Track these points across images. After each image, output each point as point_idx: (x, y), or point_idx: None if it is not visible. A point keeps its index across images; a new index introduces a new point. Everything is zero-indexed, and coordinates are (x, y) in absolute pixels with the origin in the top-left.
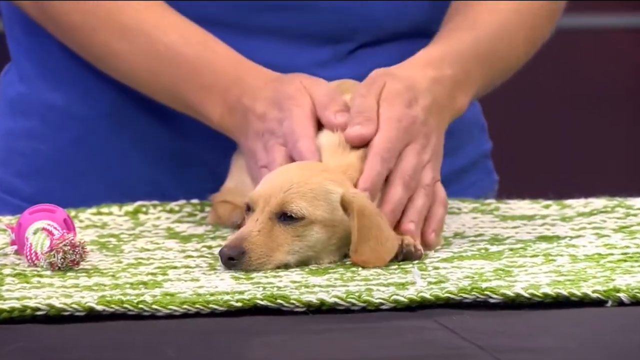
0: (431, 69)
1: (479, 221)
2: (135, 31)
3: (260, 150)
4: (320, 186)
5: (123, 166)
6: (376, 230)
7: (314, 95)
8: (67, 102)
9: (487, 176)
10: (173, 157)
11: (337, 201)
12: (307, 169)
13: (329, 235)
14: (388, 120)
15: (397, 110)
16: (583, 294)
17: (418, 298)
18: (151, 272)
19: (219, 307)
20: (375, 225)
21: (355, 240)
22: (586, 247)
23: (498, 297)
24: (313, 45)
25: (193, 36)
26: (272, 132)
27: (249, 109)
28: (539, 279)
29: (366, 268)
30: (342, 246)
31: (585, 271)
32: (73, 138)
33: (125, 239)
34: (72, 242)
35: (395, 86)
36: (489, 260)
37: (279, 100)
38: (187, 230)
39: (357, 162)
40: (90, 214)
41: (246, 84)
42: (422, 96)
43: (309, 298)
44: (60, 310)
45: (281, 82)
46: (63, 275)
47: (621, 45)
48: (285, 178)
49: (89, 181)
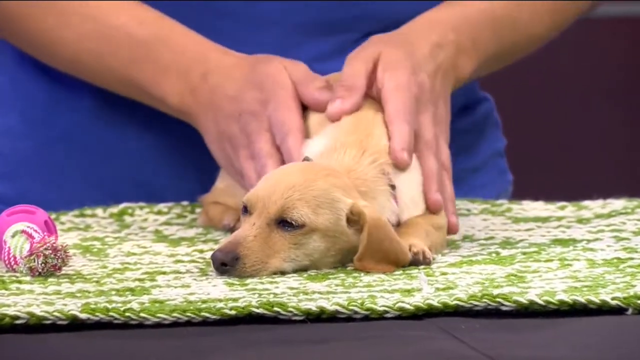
0: (433, 34)
1: (489, 223)
2: (80, 16)
3: (238, 134)
4: (326, 193)
5: (109, 165)
6: (388, 243)
7: (293, 74)
8: (50, 97)
9: (501, 176)
10: (162, 156)
11: (343, 211)
12: (311, 172)
13: (328, 246)
14: (396, 88)
15: (403, 78)
16: (601, 301)
17: (425, 305)
18: (138, 278)
19: (211, 316)
20: (388, 239)
21: (362, 250)
22: (604, 251)
23: (510, 304)
24: (314, 36)
25: (146, 16)
26: (254, 114)
27: (218, 88)
28: (554, 285)
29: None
30: (341, 258)
31: (603, 277)
32: (55, 135)
33: (110, 243)
34: (53, 246)
35: (395, 53)
36: (500, 265)
37: (258, 80)
38: (176, 233)
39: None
40: (72, 216)
41: (211, 62)
42: (425, 62)
43: (308, 306)
44: (41, 319)
45: (257, 61)
46: (44, 281)
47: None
48: (287, 181)
49: (72, 181)
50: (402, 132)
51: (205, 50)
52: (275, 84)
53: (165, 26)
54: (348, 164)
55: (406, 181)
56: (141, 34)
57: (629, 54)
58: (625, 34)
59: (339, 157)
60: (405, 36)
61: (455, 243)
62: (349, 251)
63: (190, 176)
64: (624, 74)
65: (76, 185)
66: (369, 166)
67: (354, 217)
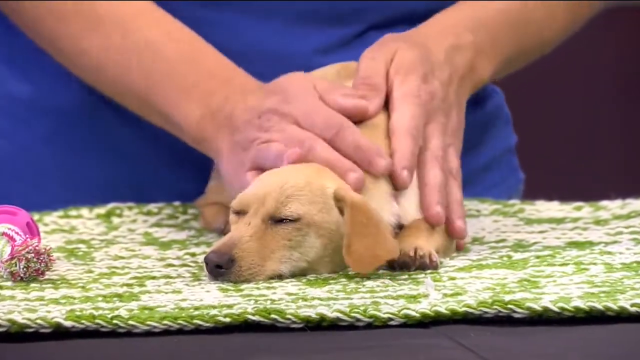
0: (450, 36)
1: (500, 225)
2: (111, 24)
3: (254, 133)
4: (316, 185)
5: (96, 165)
6: (374, 229)
7: (317, 84)
8: (34, 94)
9: (512, 174)
10: (153, 152)
11: (331, 197)
12: (304, 171)
13: (324, 244)
14: (404, 96)
15: (413, 85)
16: (620, 308)
17: (432, 313)
18: (127, 283)
19: (204, 323)
20: (372, 223)
21: (348, 234)
22: (623, 255)
23: (523, 311)
24: (317, 27)
25: (178, 33)
26: (275, 112)
27: (238, 104)
28: (569, 290)
29: (370, 278)
30: (339, 261)
31: (622, 282)
32: (40, 134)
33: (96, 246)
34: (36, 249)
35: (409, 56)
36: (512, 269)
37: (280, 88)
38: (167, 236)
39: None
40: (56, 217)
41: (235, 85)
42: (439, 68)
43: (307, 313)
44: (23, 327)
45: (278, 79)
46: (26, 286)
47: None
48: (280, 179)
49: (57, 182)
50: (405, 149)
51: (233, 75)
52: (300, 89)
53: (196, 47)
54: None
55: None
56: (170, 51)
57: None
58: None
59: None
60: (421, 38)
61: (464, 246)
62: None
63: (183, 174)
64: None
65: (60, 185)
66: None
67: (339, 204)
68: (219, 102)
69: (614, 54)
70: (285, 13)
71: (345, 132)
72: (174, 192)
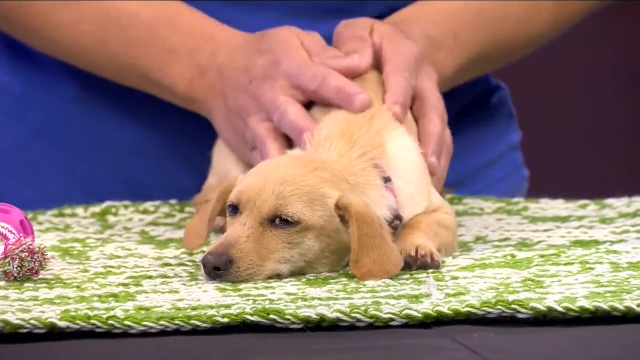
0: (416, 28)
1: (504, 223)
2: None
3: (248, 103)
4: (316, 189)
5: (90, 160)
6: (380, 240)
7: (306, 43)
8: (26, 87)
9: (516, 171)
10: (149, 148)
11: (332, 207)
12: (300, 166)
13: (322, 247)
14: (396, 49)
15: (402, 42)
16: (626, 308)
17: (434, 313)
18: (123, 283)
19: (202, 324)
20: (378, 234)
21: (355, 249)
22: (630, 254)
23: (527, 311)
24: (311, 20)
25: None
26: (265, 77)
27: (226, 64)
28: (574, 290)
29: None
30: (337, 261)
31: (628, 281)
32: (32, 129)
33: (92, 245)
34: (30, 248)
35: (388, 27)
36: (516, 268)
37: (268, 46)
38: (164, 235)
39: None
40: (51, 216)
41: (220, 40)
42: (413, 35)
43: (307, 313)
44: (17, 327)
45: (265, 33)
46: (20, 286)
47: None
48: (276, 176)
49: (51, 178)
50: (398, 86)
51: (214, 30)
52: (288, 48)
53: (171, 8)
54: (333, 158)
55: (404, 176)
56: (145, 15)
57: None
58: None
59: (323, 151)
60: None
61: (467, 245)
62: (344, 253)
63: (180, 170)
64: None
65: (55, 182)
66: (357, 159)
67: (341, 212)
68: (206, 60)
69: (621, 51)
70: (281, 6)
71: (329, 80)
72: (170, 188)
